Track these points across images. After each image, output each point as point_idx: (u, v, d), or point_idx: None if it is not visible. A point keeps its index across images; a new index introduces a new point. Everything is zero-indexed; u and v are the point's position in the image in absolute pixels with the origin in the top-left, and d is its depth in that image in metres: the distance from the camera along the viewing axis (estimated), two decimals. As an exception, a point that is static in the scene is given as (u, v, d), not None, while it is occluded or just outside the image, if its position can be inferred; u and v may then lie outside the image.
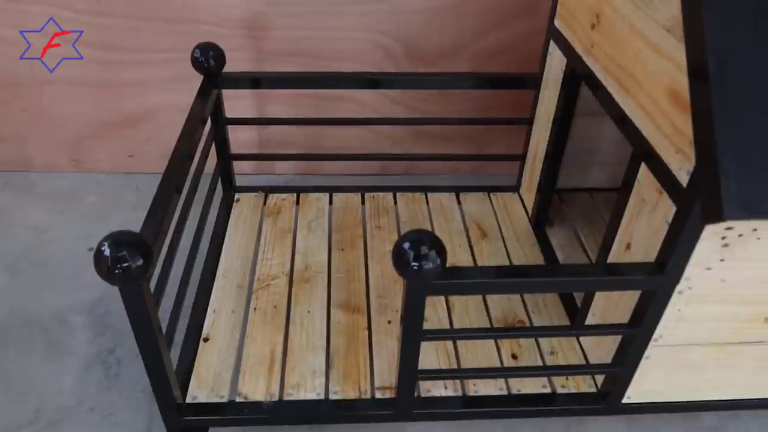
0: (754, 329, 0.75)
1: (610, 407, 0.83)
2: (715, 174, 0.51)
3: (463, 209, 1.17)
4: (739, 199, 0.50)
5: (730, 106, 0.52)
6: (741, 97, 0.52)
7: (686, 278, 0.68)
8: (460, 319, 0.93)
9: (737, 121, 0.51)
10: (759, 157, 0.51)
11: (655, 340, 0.75)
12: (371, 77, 1.12)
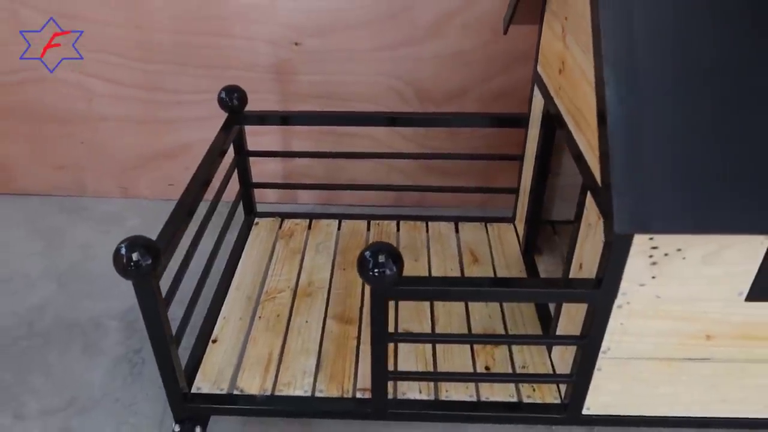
0: (698, 346, 0.81)
1: (571, 418, 0.89)
2: (611, 196, 0.60)
3: (460, 237, 1.26)
4: (628, 217, 0.59)
5: (626, 141, 0.61)
6: (635, 132, 0.61)
7: (623, 293, 0.76)
8: (443, 331, 1.02)
9: (630, 150, 0.61)
10: (648, 181, 0.60)
11: (603, 352, 0.82)
12: (377, 115, 1.25)
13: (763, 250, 0.72)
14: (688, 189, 0.62)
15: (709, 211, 0.62)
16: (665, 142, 0.63)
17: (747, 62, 0.66)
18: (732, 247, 0.72)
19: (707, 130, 0.64)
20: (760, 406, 0.88)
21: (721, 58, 0.65)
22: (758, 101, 0.65)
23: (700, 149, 0.63)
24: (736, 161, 0.64)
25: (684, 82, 0.64)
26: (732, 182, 0.63)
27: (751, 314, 0.78)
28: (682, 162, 0.63)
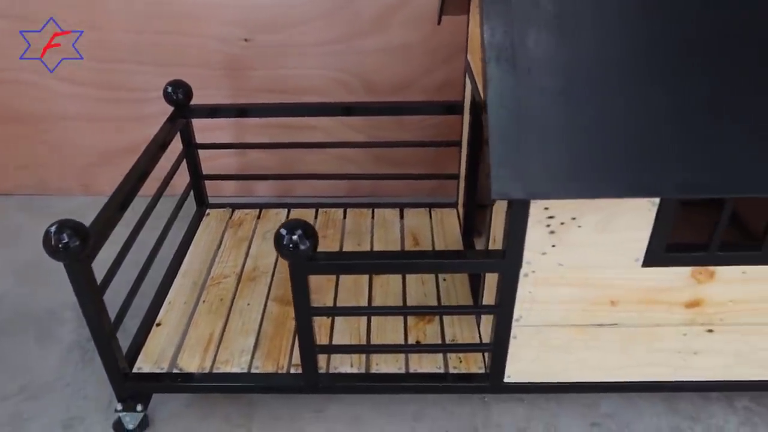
0: (604, 312, 0.86)
1: (493, 386, 0.94)
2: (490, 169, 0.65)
3: (404, 223, 1.31)
4: (503, 184, 0.64)
5: (504, 113, 0.66)
6: (513, 105, 0.66)
7: (527, 262, 0.81)
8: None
9: (507, 122, 0.65)
10: (525, 150, 0.65)
11: (516, 321, 0.87)
12: (327, 106, 1.30)
13: (652, 217, 0.77)
14: (566, 158, 0.67)
15: (584, 178, 0.67)
16: (544, 115, 0.67)
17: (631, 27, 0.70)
18: (622, 215, 0.77)
19: (584, 102, 0.68)
20: (669, 368, 0.92)
21: (600, 27, 0.70)
22: (636, 67, 0.69)
23: (577, 123, 0.68)
24: (612, 130, 0.68)
25: (565, 54, 0.69)
26: (609, 149, 0.68)
27: (649, 279, 0.82)
28: (560, 132, 0.68)
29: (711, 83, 0.70)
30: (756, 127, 0.69)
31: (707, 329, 0.88)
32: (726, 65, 0.71)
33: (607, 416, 1.03)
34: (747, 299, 0.85)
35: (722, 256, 0.80)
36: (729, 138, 0.69)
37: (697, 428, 1.01)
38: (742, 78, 0.70)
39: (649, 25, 0.70)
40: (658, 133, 0.68)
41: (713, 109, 0.69)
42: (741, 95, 0.70)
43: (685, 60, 0.70)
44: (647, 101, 0.69)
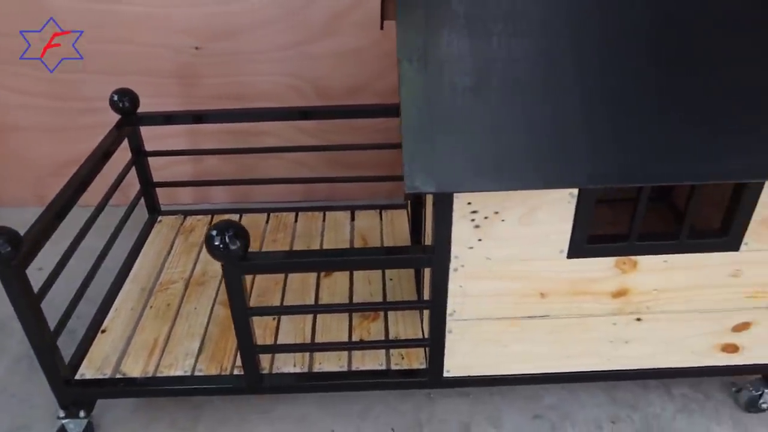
0: (534, 304, 0.88)
1: (433, 381, 0.95)
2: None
3: (355, 224, 1.32)
4: (414, 178, 0.66)
5: (416, 111, 0.68)
6: (426, 103, 0.68)
7: (455, 256, 0.83)
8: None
9: (420, 119, 0.67)
10: (438, 145, 0.67)
11: (450, 315, 0.88)
12: (279, 110, 1.31)
13: (572, 210, 0.79)
14: (478, 152, 0.69)
15: (496, 171, 0.69)
16: (456, 111, 0.70)
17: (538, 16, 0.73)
18: (543, 208, 0.79)
19: (497, 98, 0.71)
20: (602, 358, 0.94)
21: (512, 26, 0.73)
22: (547, 64, 0.72)
23: (489, 119, 0.70)
24: (523, 125, 0.71)
25: (477, 52, 0.71)
26: (521, 143, 0.70)
27: (575, 270, 0.85)
28: (472, 128, 0.70)
29: (619, 79, 0.73)
30: (662, 119, 0.72)
31: (635, 318, 0.90)
32: (634, 59, 0.73)
33: (550, 408, 1.06)
34: (671, 287, 0.87)
35: (642, 246, 0.83)
36: (638, 129, 0.71)
37: (636, 416, 1.04)
38: (650, 72, 0.73)
39: (560, 24, 0.73)
40: (569, 127, 0.71)
41: (622, 103, 0.72)
42: (649, 88, 0.72)
43: (594, 56, 0.73)
44: (559, 97, 0.71)
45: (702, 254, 0.84)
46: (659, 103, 0.72)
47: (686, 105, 0.73)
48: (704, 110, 0.72)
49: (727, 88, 0.73)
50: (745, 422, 1.02)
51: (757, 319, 0.91)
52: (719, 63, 0.73)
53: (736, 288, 0.88)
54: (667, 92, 0.72)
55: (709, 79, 0.73)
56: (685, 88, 0.73)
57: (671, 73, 0.73)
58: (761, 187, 0.79)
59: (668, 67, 0.73)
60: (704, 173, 0.71)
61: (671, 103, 0.72)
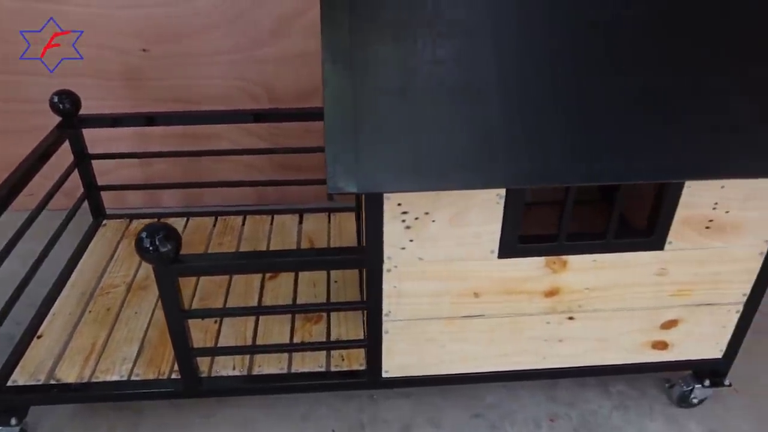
0: (469, 303, 0.89)
1: (372, 381, 0.96)
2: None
3: (303, 228, 1.32)
4: (337, 179, 0.67)
5: (339, 113, 0.69)
6: (349, 106, 0.69)
7: (388, 257, 0.84)
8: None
9: (343, 121, 0.68)
10: (345, 154, 0.68)
11: (386, 315, 0.89)
12: (212, 114, 1.31)
13: (500, 211, 0.81)
14: (403, 152, 0.70)
15: (420, 172, 0.70)
16: (382, 113, 0.70)
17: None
18: (473, 209, 0.80)
19: (422, 100, 0.72)
20: (538, 357, 0.96)
21: (438, 29, 0.74)
22: (472, 65, 0.73)
23: (414, 120, 0.71)
24: (449, 126, 0.72)
25: (403, 55, 0.72)
26: (446, 144, 0.71)
27: (507, 270, 0.86)
28: (397, 129, 0.71)
29: (538, 81, 0.74)
30: (580, 120, 0.74)
31: (568, 317, 0.92)
32: (553, 62, 0.75)
33: (490, 407, 1.07)
34: (601, 286, 0.90)
35: (571, 246, 0.85)
36: (557, 130, 0.73)
37: (573, 414, 1.06)
38: (568, 74, 0.75)
39: (482, 28, 0.74)
40: (491, 129, 0.72)
41: (541, 104, 0.74)
42: (567, 90, 0.74)
43: (514, 59, 0.75)
44: (481, 99, 0.73)
45: (629, 253, 0.87)
46: (577, 104, 0.74)
47: (602, 106, 0.75)
48: (618, 111, 0.74)
49: (640, 89, 0.75)
50: (677, 417, 1.05)
51: (684, 317, 0.94)
52: (632, 66, 0.76)
53: (663, 286, 0.91)
54: (585, 94, 0.75)
55: (623, 81, 0.75)
56: (601, 90, 0.75)
57: (588, 75, 0.75)
58: (681, 187, 0.81)
59: (585, 69, 0.75)
60: (621, 173, 0.73)
61: (588, 104, 0.74)
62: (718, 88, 0.76)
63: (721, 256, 0.88)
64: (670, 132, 0.75)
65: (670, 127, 0.75)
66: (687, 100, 0.75)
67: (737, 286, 0.92)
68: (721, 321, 0.95)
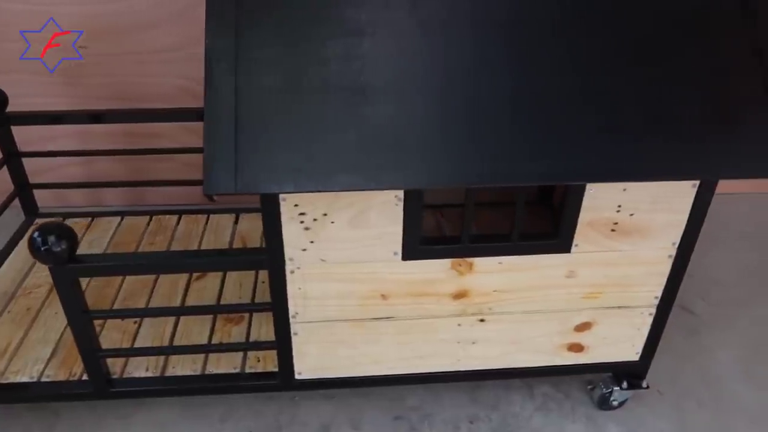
0: (377, 306, 0.89)
1: (285, 383, 0.95)
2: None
3: (238, 228, 1.31)
4: (212, 181, 0.66)
5: (216, 117, 0.68)
6: (228, 110, 0.68)
7: (290, 259, 0.83)
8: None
9: (220, 128, 0.68)
10: (224, 154, 0.67)
11: (293, 317, 0.88)
12: (151, 112, 1.29)
13: (400, 212, 0.80)
14: (287, 152, 0.69)
15: (300, 172, 0.69)
16: (266, 113, 0.70)
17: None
18: (371, 210, 0.80)
19: (309, 100, 0.71)
20: (452, 359, 0.96)
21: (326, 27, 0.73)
22: (364, 66, 0.73)
23: (301, 120, 0.70)
24: (334, 125, 0.71)
25: (289, 54, 0.72)
26: (330, 143, 0.71)
27: (412, 272, 0.86)
28: (283, 129, 0.70)
29: (438, 82, 0.74)
30: (477, 120, 0.73)
31: (479, 319, 0.92)
32: (452, 61, 0.75)
33: (412, 409, 1.07)
34: (510, 289, 0.89)
35: (475, 248, 0.84)
36: (454, 131, 0.73)
37: (494, 416, 1.06)
38: (467, 74, 0.75)
39: (370, 26, 0.74)
40: (382, 129, 0.72)
41: (437, 105, 0.73)
42: (463, 90, 0.74)
43: (408, 57, 0.74)
44: (372, 99, 0.72)
45: (536, 256, 0.87)
46: (472, 106, 0.73)
47: (496, 107, 0.74)
48: (511, 113, 0.74)
49: (534, 91, 0.75)
50: (598, 419, 1.05)
51: (597, 319, 0.94)
52: (528, 67, 0.75)
53: (573, 289, 0.90)
54: (480, 95, 0.74)
55: (518, 82, 0.75)
56: (496, 91, 0.74)
57: (483, 76, 0.75)
58: (583, 189, 0.81)
59: (481, 70, 0.75)
60: (511, 174, 0.72)
61: (483, 105, 0.74)
62: (610, 90, 0.75)
63: (629, 258, 0.88)
64: (565, 134, 0.74)
65: (565, 128, 0.74)
66: (579, 101, 0.75)
67: (648, 289, 0.92)
68: (634, 323, 0.95)
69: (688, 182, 0.82)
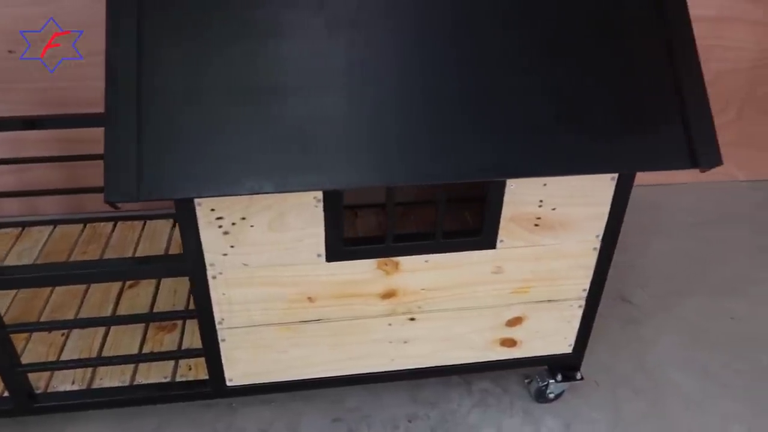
0: (304, 308, 0.88)
1: (217, 391, 0.94)
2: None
3: (175, 233, 1.29)
4: (109, 190, 0.64)
5: (114, 127, 0.66)
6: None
7: (211, 264, 0.81)
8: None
9: (120, 137, 0.66)
10: (125, 160, 0.65)
11: (220, 324, 0.87)
12: (87, 118, 1.26)
13: (320, 214, 0.79)
14: (191, 158, 0.68)
15: (204, 177, 0.68)
16: (171, 120, 0.68)
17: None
18: (289, 213, 0.79)
19: (216, 105, 0.70)
20: (386, 358, 0.95)
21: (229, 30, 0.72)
22: (266, 67, 0.72)
23: (208, 126, 0.69)
24: (242, 130, 0.70)
25: (197, 56, 0.70)
26: (235, 147, 0.70)
27: (337, 273, 0.85)
28: (187, 135, 0.69)
29: (349, 83, 0.73)
30: (384, 120, 0.73)
31: (409, 318, 0.92)
32: (365, 61, 0.74)
33: (351, 411, 1.06)
34: (438, 286, 0.89)
35: (399, 247, 0.84)
36: (362, 133, 0.72)
37: (433, 414, 1.05)
38: (381, 74, 0.74)
39: (272, 27, 0.73)
40: (290, 131, 0.71)
41: (347, 106, 0.72)
42: (375, 90, 0.73)
43: (321, 58, 0.73)
44: (279, 99, 0.71)
45: (461, 253, 0.87)
46: (385, 106, 0.73)
47: (409, 106, 0.74)
48: (428, 112, 0.74)
49: (453, 90, 0.75)
50: (535, 413, 1.06)
51: (528, 314, 0.95)
52: (445, 66, 0.75)
53: (501, 284, 0.91)
54: (393, 95, 0.74)
55: (436, 81, 0.74)
56: (409, 90, 0.74)
57: (398, 77, 0.74)
58: (503, 185, 0.81)
59: (396, 70, 0.74)
60: (434, 173, 0.72)
61: (395, 105, 0.73)
62: (523, 88, 0.76)
63: (554, 252, 0.89)
64: (479, 131, 0.74)
65: (479, 126, 0.74)
66: (493, 99, 0.75)
67: (575, 282, 0.93)
68: (565, 316, 0.96)
69: (607, 176, 0.83)
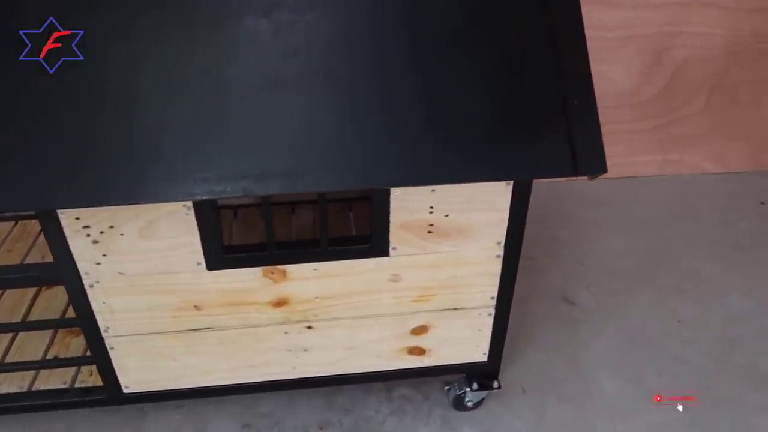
0: (192, 317, 0.85)
1: (113, 398, 0.92)
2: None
3: (106, 230, 1.27)
4: None
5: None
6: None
7: (85, 273, 0.79)
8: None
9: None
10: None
11: (105, 332, 0.85)
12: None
13: (193, 221, 0.76)
14: (21, 168, 0.65)
15: (42, 188, 0.65)
16: (15, 131, 0.65)
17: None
18: (159, 221, 0.76)
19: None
20: (287, 367, 0.92)
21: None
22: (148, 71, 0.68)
23: (53, 135, 0.66)
24: (83, 135, 0.67)
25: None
26: (84, 156, 0.66)
27: (221, 282, 0.82)
28: (34, 143, 0.66)
29: (212, 87, 0.70)
30: (274, 132, 0.69)
31: (306, 326, 0.88)
32: (231, 70, 0.70)
33: (263, 416, 1.03)
34: (331, 294, 0.86)
35: (283, 255, 0.81)
36: (214, 140, 0.69)
37: (346, 420, 1.03)
38: (240, 83, 0.70)
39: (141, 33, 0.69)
40: (149, 136, 0.67)
41: (204, 111, 0.69)
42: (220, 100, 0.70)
43: (181, 61, 0.69)
44: (125, 107, 0.68)
45: (354, 261, 0.83)
46: (246, 116, 0.69)
47: (285, 117, 0.70)
48: (302, 121, 0.70)
49: (324, 100, 0.71)
50: (453, 421, 1.02)
51: (433, 322, 0.91)
52: (333, 81, 0.71)
53: (400, 292, 0.87)
54: (248, 107, 0.70)
55: (304, 92, 0.70)
56: (277, 100, 0.70)
57: (259, 88, 0.70)
58: (387, 193, 0.77)
59: (246, 66, 0.70)
60: (324, 182, 0.69)
61: (258, 115, 0.70)
62: (396, 93, 0.71)
63: (454, 259, 0.85)
64: (356, 139, 0.70)
65: (356, 134, 0.70)
66: (369, 107, 0.71)
67: (481, 290, 0.88)
68: (473, 325, 0.92)
69: (502, 181, 0.79)
